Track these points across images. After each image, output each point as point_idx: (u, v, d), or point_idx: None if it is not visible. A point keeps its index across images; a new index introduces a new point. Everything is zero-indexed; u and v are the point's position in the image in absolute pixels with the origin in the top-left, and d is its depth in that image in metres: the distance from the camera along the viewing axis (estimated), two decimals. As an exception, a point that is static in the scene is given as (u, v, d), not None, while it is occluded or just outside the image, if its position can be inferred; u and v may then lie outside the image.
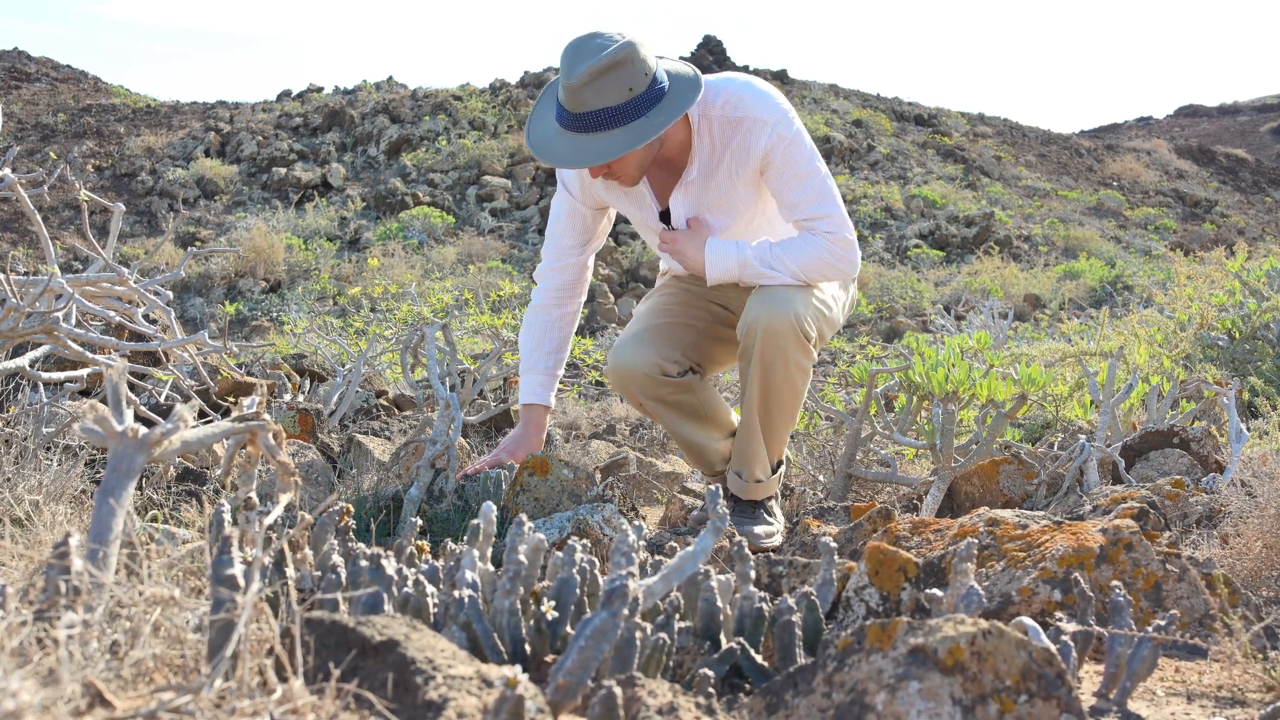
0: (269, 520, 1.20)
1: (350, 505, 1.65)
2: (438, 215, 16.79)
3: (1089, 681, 1.41)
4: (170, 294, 2.49)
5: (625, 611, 1.05)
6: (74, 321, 2.29)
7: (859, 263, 2.43)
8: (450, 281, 12.28)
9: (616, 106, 2.17)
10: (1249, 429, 3.27)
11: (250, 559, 0.93)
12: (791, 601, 1.32)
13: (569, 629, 1.26)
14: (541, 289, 2.70)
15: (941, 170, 23.16)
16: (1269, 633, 1.59)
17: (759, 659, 1.30)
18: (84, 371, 2.34)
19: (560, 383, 5.58)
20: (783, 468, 2.62)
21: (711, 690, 1.11)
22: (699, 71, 2.33)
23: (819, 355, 2.53)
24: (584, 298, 2.73)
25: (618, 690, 0.97)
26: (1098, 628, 1.34)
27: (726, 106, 2.34)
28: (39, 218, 2.22)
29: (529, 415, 2.69)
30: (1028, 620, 1.22)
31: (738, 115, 2.33)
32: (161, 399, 2.95)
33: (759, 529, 2.50)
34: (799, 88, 27.35)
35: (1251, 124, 39.80)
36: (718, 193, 2.43)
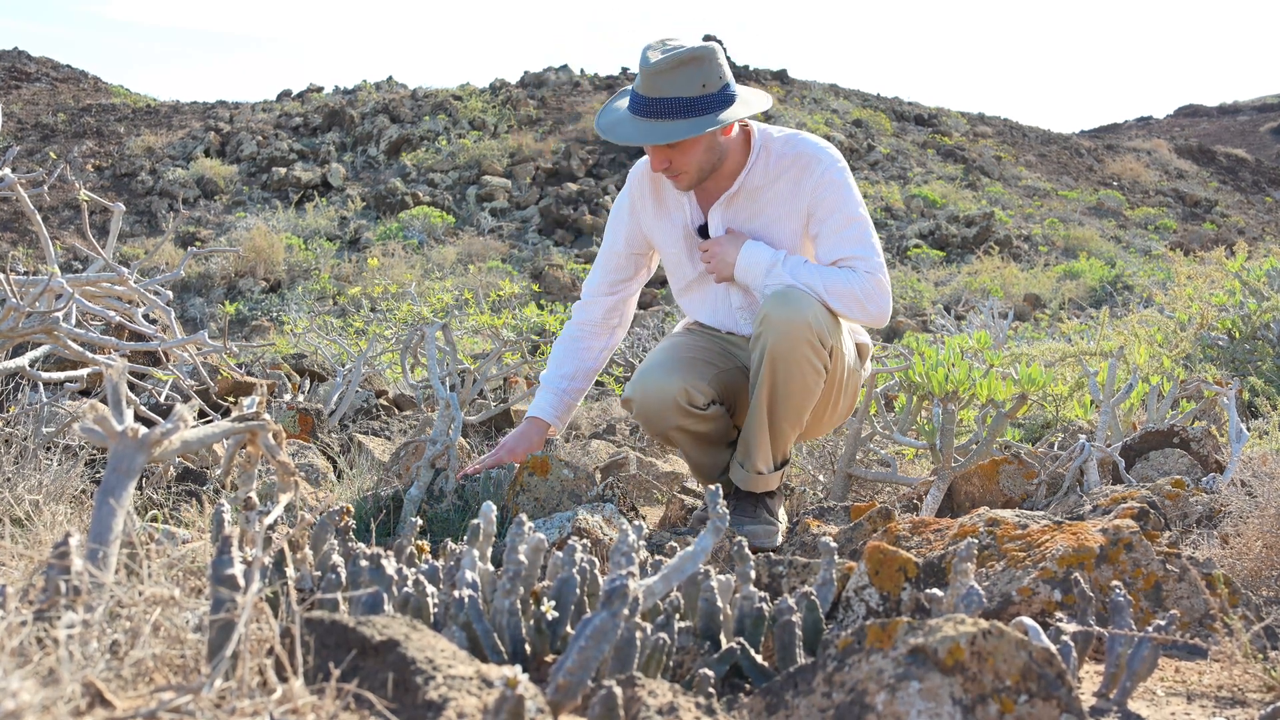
0: (269, 520, 1.21)
1: (350, 505, 1.65)
2: (438, 215, 16.80)
3: (1089, 681, 1.41)
4: (170, 294, 2.49)
5: (625, 611, 1.05)
6: (74, 321, 2.29)
7: (888, 311, 2.46)
8: (450, 281, 12.29)
9: (688, 98, 2.31)
10: (1249, 429, 3.27)
11: (250, 559, 0.93)
12: (791, 601, 1.32)
13: (569, 629, 1.26)
14: (572, 320, 2.79)
15: (941, 170, 23.16)
16: (1269, 633, 1.59)
17: (759, 659, 1.30)
18: (84, 371, 2.34)
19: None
20: (786, 465, 2.60)
21: (711, 690, 1.11)
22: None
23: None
24: (613, 341, 2.78)
25: (618, 690, 0.97)
26: (1098, 628, 1.34)
27: (788, 145, 2.49)
28: (39, 217, 2.22)
29: (531, 425, 2.69)
30: (1028, 620, 1.22)
31: (795, 152, 2.48)
32: (161, 399, 2.95)
33: (758, 529, 2.49)
34: (799, 88, 27.35)
35: (1251, 124, 39.80)
36: (763, 223, 2.51)
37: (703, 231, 2.59)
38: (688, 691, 1.10)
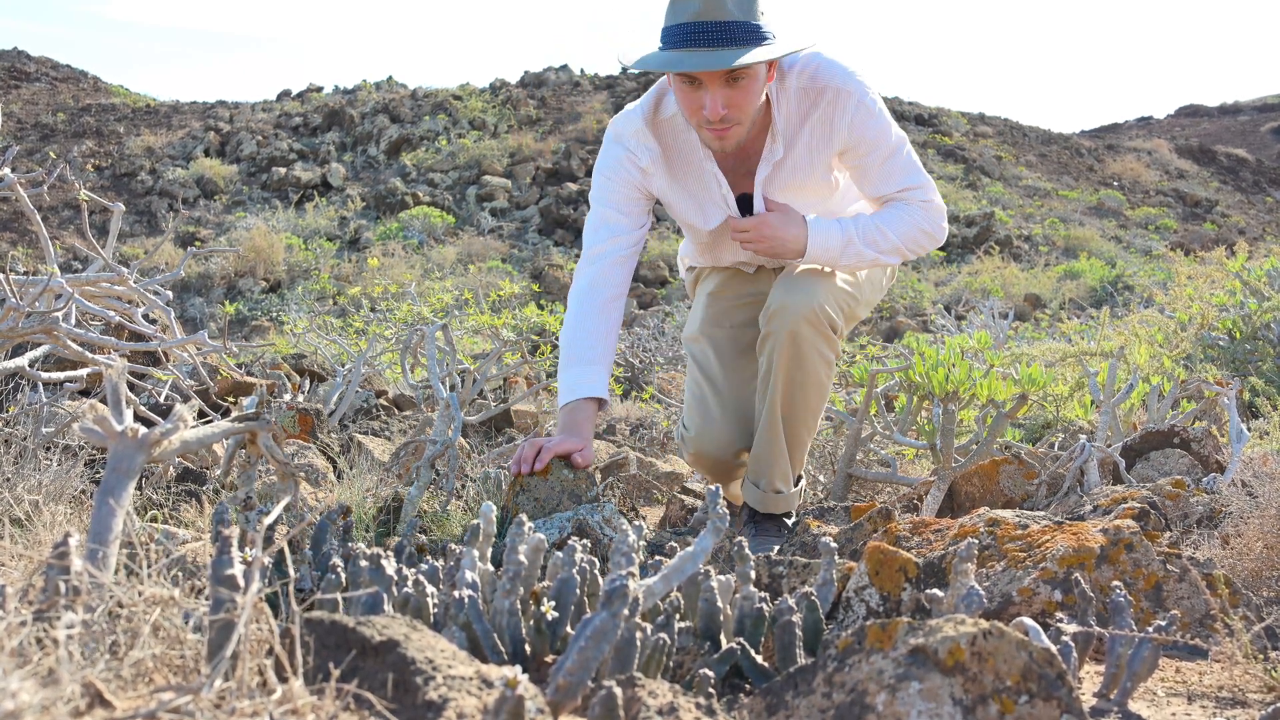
0: (269, 520, 1.20)
1: (350, 505, 1.65)
2: (438, 215, 16.80)
3: (1089, 682, 1.41)
4: (170, 294, 2.49)
5: (625, 612, 1.05)
6: (74, 321, 2.28)
7: (946, 229, 2.34)
8: (450, 281, 12.28)
9: (755, 24, 2.02)
10: (1250, 429, 3.27)
11: (250, 559, 0.93)
12: (792, 602, 1.32)
13: (569, 629, 1.26)
14: (587, 271, 2.33)
15: (942, 170, 23.16)
16: (1270, 633, 1.59)
17: (759, 659, 1.29)
18: (84, 371, 2.34)
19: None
20: (802, 483, 2.46)
21: (712, 690, 1.11)
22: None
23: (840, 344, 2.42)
24: (627, 286, 2.38)
25: (618, 690, 0.97)
26: (1098, 628, 1.34)
27: (803, 76, 2.18)
28: (38, 217, 2.22)
29: (575, 413, 2.25)
30: (1028, 620, 1.21)
31: (819, 85, 2.17)
32: (161, 399, 2.94)
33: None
34: (799, 87, 27.32)
35: (1252, 124, 39.78)
36: (791, 170, 2.25)
37: (742, 203, 2.31)
38: (688, 692, 1.10)
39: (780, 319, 2.24)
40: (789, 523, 2.45)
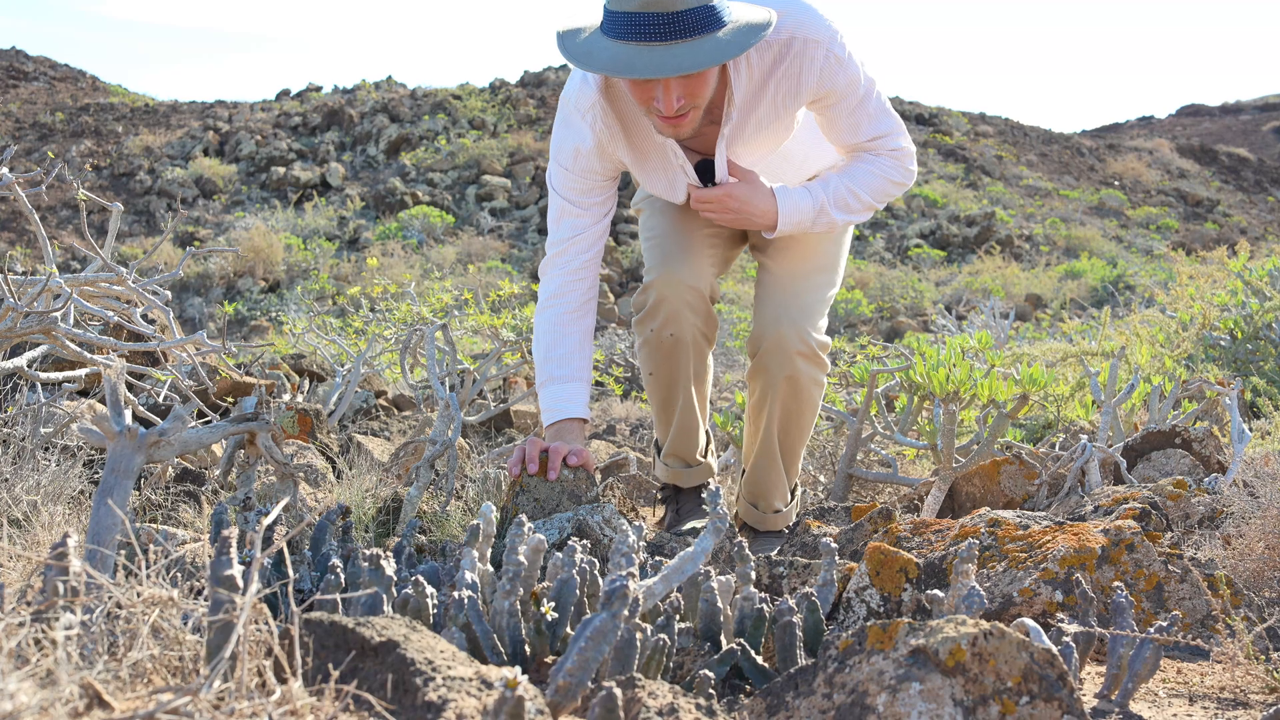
0: (268, 521, 1.20)
1: (350, 505, 1.65)
2: (437, 215, 16.80)
3: (1091, 683, 1.41)
4: (169, 294, 2.49)
5: (625, 612, 1.04)
6: (72, 321, 2.28)
7: (915, 171, 2.21)
8: (450, 281, 12.28)
9: (709, 5, 1.78)
10: (1251, 429, 3.27)
11: (249, 559, 0.92)
12: (792, 602, 1.32)
13: (569, 630, 1.26)
14: (552, 275, 2.23)
15: (942, 170, 23.15)
16: (1271, 634, 1.59)
17: (759, 660, 1.29)
18: (82, 372, 2.34)
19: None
20: (799, 491, 2.47)
21: (712, 691, 1.11)
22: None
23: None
24: (596, 286, 2.27)
25: (618, 691, 0.97)
26: (1099, 629, 1.34)
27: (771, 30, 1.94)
28: (37, 217, 2.22)
29: (561, 431, 2.19)
30: (1029, 621, 1.21)
31: (783, 36, 1.96)
32: (160, 399, 2.94)
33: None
34: (799, 87, 27.30)
35: (1254, 123, 39.76)
36: (756, 128, 2.09)
37: (702, 170, 2.15)
38: (688, 693, 1.10)
39: (774, 358, 2.21)
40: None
